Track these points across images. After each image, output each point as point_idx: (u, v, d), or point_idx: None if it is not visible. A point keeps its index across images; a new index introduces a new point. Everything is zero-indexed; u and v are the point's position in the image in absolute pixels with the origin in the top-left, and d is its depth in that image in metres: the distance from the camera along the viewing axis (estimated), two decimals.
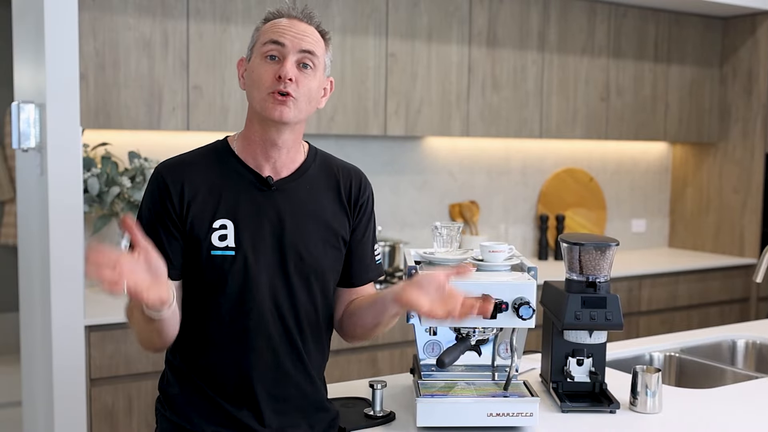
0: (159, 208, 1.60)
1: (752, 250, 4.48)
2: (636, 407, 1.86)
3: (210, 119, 3.15)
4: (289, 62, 1.57)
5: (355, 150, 3.77)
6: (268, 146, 1.63)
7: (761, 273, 2.33)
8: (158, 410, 1.71)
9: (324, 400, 1.73)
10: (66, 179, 2.65)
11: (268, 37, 1.60)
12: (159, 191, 1.61)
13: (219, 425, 1.62)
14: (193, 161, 1.65)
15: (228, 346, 1.61)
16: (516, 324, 1.66)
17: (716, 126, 4.63)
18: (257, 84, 1.59)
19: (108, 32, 2.96)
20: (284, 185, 1.64)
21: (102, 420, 2.77)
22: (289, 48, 1.58)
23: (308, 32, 1.61)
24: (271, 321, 1.62)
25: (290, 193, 1.65)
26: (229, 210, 1.60)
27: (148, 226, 1.59)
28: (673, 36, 4.41)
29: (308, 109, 1.62)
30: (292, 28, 1.60)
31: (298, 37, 1.59)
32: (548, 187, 4.41)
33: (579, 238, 1.87)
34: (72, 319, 2.67)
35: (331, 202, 1.69)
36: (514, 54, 3.88)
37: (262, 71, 1.59)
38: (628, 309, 3.96)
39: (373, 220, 1.78)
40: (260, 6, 3.20)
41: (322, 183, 1.69)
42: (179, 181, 1.60)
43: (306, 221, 1.64)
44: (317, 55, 1.61)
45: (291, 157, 1.66)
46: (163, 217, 1.60)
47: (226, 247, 1.59)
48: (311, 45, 1.60)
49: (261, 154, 1.64)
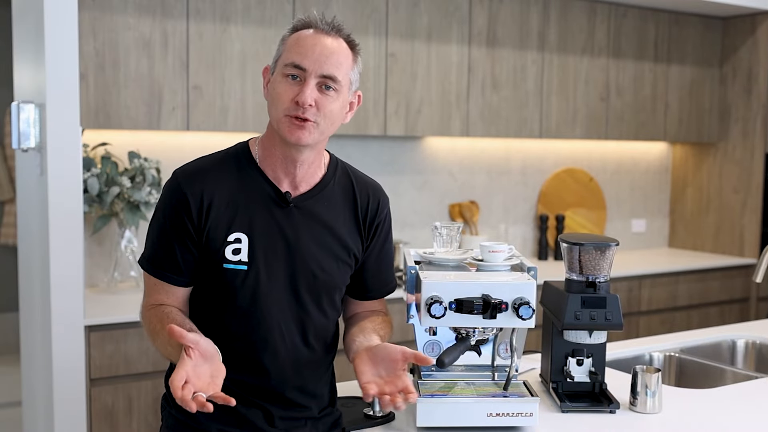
0: (176, 220, 1.57)
1: (752, 250, 4.48)
2: (636, 407, 1.86)
3: (210, 119, 3.15)
4: (309, 87, 1.52)
5: (355, 150, 3.77)
6: (288, 162, 1.60)
7: (761, 273, 2.33)
8: (164, 407, 1.71)
9: (330, 403, 1.74)
10: (66, 179, 2.65)
11: (290, 58, 1.54)
12: (178, 202, 1.57)
13: (225, 424, 1.62)
14: (212, 169, 1.60)
15: (237, 357, 1.60)
16: (516, 324, 1.66)
17: (716, 126, 4.63)
18: (276, 103, 1.55)
19: (108, 32, 2.96)
20: (302, 202, 1.62)
21: (102, 420, 2.77)
22: (309, 72, 1.52)
23: (334, 50, 1.54)
24: (278, 337, 1.61)
25: (307, 209, 1.62)
26: (244, 224, 1.58)
27: (163, 235, 1.59)
28: (673, 36, 4.41)
29: (330, 130, 1.59)
30: (316, 47, 1.53)
31: (321, 60, 1.52)
32: (548, 187, 4.41)
33: (579, 238, 1.87)
34: (72, 319, 2.67)
35: (348, 219, 1.67)
36: (513, 54, 3.88)
37: (281, 90, 1.54)
38: (628, 309, 3.96)
39: (390, 236, 1.77)
40: (260, 6, 3.21)
41: (339, 199, 1.67)
42: (198, 192, 1.57)
43: (321, 239, 1.63)
44: (339, 78, 1.54)
45: (311, 172, 1.63)
46: (179, 229, 1.57)
47: (239, 261, 1.57)
48: (334, 68, 1.53)
49: (281, 167, 1.61)
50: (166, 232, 1.58)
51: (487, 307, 1.63)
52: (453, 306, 1.63)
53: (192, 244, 1.58)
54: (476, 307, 1.63)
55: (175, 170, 1.62)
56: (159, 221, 1.60)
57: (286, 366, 1.63)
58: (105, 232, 3.25)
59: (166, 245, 1.57)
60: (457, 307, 1.63)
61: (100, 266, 3.26)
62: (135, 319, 2.69)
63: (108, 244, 3.26)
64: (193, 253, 1.58)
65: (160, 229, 1.60)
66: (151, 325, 1.59)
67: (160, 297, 1.62)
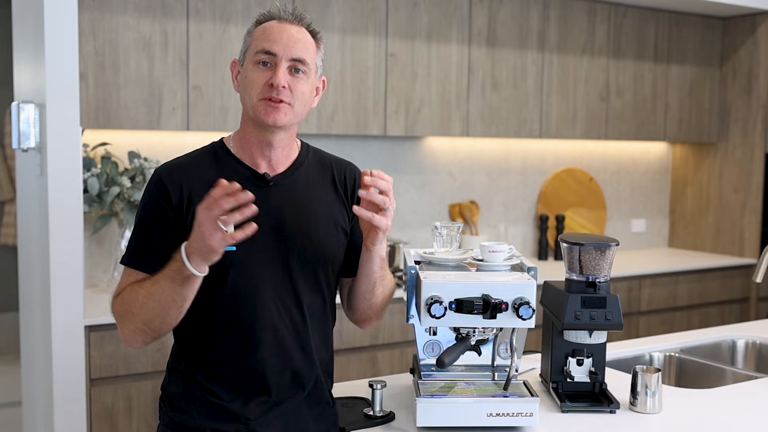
0: (157, 210, 1.62)
1: (752, 250, 4.48)
2: (636, 407, 1.86)
3: (210, 119, 3.15)
4: (281, 70, 1.60)
5: (355, 150, 3.77)
6: (263, 145, 1.67)
7: (761, 273, 2.33)
8: (161, 407, 1.73)
9: (328, 398, 1.74)
10: (66, 179, 2.65)
11: (259, 46, 1.63)
12: (158, 193, 1.63)
13: (220, 420, 1.62)
14: (191, 163, 1.68)
15: (233, 341, 1.62)
16: (516, 324, 1.65)
17: (716, 126, 4.63)
18: (249, 90, 1.63)
19: (108, 32, 2.96)
20: (281, 180, 1.68)
21: (102, 420, 2.77)
22: (280, 56, 1.61)
23: (300, 37, 1.64)
24: (275, 314, 1.63)
25: (287, 187, 1.68)
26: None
27: (144, 225, 1.63)
28: (673, 36, 4.41)
29: (302, 112, 1.67)
30: (283, 35, 1.62)
31: (289, 45, 1.62)
32: (548, 187, 4.41)
33: (579, 238, 1.87)
34: (72, 319, 2.67)
35: (329, 193, 1.73)
36: (513, 54, 3.88)
37: (254, 77, 1.62)
38: (628, 309, 3.96)
39: None
40: (260, 6, 3.20)
41: (317, 176, 1.73)
42: (178, 182, 1.63)
43: (306, 213, 1.67)
44: (308, 61, 1.64)
45: (286, 154, 1.70)
46: (160, 219, 1.62)
47: None
48: (302, 52, 1.63)
49: (257, 152, 1.67)
50: (147, 222, 1.63)
51: (487, 307, 1.63)
52: (453, 306, 1.63)
53: (172, 231, 1.61)
54: (476, 307, 1.63)
55: (156, 168, 1.70)
56: (139, 216, 1.66)
57: (281, 347, 1.63)
58: (105, 232, 3.25)
59: (148, 235, 1.62)
60: (457, 307, 1.63)
61: (100, 266, 3.26)
62: None
63: (108, 244, 3.26)
64: (173, 241, 1.60)
65: (140, 221, 1.65)
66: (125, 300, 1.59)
67: None
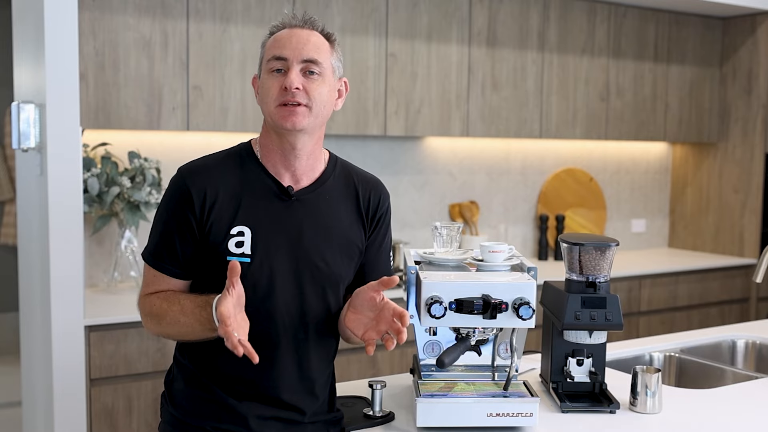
0: (179, 215, 1.62)
1: (752, 250, 4.48)
2: (636, 407, 1.86)
3: (210, 119, 3.15)
4: (293, 73, 1.59)
5: (354, 150, 3.77)
6: (287, 153, 1.65)
7: (761, 273, 2.33)
8: (163, 405, 1.74)
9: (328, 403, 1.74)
10: (66, 179, 2.65)
11: (271, 54, 1.63)
12: (181, 197, 1.62)
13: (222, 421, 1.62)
14: (216, 166, 1.66)
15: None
16: (516, 324, 1.66)
17: (716, 126, 4.63)
18: (266, 98, 1.62)
19: (108, 32, 2.96)
20: (303, 196, 1.66)
21: (102, 420, 2.77)
22: (291, 60, 1.60)
23: (310, 39, 1.63)
24: (281, 329, 1.63)
25: (309, 203, 1.66)
26: (247, 217, 1.62)
27: (165, 228, 1.63)
28: (673, 36, 4.41)
29: (323, 114, 1.64)
30: (292, 39, 1.62)
31: (299, 47, 1.61)
32: (548, 187, 4.41)
33: (579, 238, 1.87)
34: (72, 318, 2.67)
35: (350, 213, 1.71)
36: (513, 54, 3.88)
37: (269, 85, 1.62)
38: (628, 309, 3.96)
39: (390, 231, 1.80)
40: (260, 6, 3.21)
41: (341, 193, 1.71)
42: (202, 187, 1.62)
43: (324, 232, 1.66)
44: (320, 61, 1.62)
45: (311, 165, 1.68)
46: (182, 224, 1.62)
47: (242, 253, 1.60)
48: (313, 52, 1.62)
49: (280, 161, 1.66)
50: (168, 225, 1.63)
51: (487, 307, 1.63)
52: (453, 306, 1.63)
53: (192, 238, 1.62)
54: (476, 307, 1.63)
55: (180, 167, 1.67)
56: (162, 216, 1.65)
57: (287, 360, 1.64)
58: (105, 232, 3.25)
59: (168, 238, 1.62)
60: (457, 307, 1.63)
61: (100, 266, 3.26)
62: (135, 319, 2.69)
63: (108, 244, 3.26)
64: (193, 247, 1.62)
65: (163, 223, 1.65)
66: (155, 308, 1.62)
67: (159, 288, 1.66)
